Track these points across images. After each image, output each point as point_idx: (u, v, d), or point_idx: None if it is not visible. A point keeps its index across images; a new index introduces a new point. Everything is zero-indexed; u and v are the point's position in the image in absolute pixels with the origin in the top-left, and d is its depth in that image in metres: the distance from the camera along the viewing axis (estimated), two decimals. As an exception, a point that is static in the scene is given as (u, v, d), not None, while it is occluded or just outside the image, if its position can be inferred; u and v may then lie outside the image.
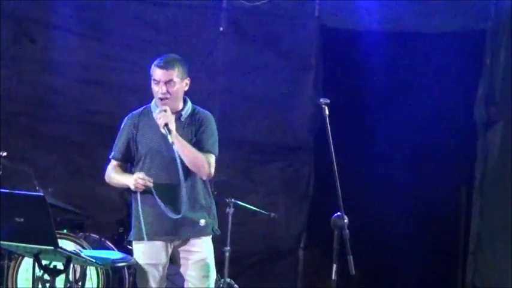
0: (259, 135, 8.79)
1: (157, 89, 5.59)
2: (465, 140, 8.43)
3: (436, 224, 8.48)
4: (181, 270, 5.67)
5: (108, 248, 7.41)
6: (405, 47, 8.52)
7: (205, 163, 5.57)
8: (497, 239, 8.25)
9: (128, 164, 5.76)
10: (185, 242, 5.63)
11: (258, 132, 8.79)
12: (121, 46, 8.77)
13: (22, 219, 5.42)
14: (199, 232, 5.62)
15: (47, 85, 8.76)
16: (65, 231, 7.39)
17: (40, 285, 6.42)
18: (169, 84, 5.57)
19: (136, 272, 5.72)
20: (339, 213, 5.05)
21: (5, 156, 7.35)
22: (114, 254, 6.92)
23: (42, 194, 6.51)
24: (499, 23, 8.24)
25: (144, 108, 5.76)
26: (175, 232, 5.58)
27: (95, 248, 7.22)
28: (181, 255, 5.65)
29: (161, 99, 5.58)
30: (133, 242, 5.72)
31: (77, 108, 8.77)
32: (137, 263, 5.67)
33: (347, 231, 5.00)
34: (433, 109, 8.44)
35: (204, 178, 5.65)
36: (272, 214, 7.64)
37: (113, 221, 7.97)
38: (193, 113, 5.69)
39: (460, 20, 8.36)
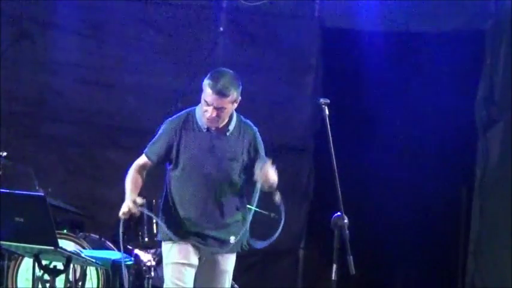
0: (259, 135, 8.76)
1: (207, 110, 5.34)
2: (465, 140, 8.42)
3: (436, 224, 8.47)
4: (198, 274, 5.53)
5: (108, 248, 7.41)
6: (405, 47, 8.50)
7: None
8: (497, 239, 8.24)
9: (157, 166, 5.58)
10: (213, 254, 5.53)
11: (257, 132, 8.78)
12: (121, 46, 8.77)
13: (22, 219, 5.43)
14: (228, 249, 5.54)
15: (47, 85, 8.76)
16: (65, 231, 7.39)
17: (40, 285, 6.43)
18: (220, 110, 5.33)
19: (164, 271, 5.53)
20: (339, 213, 5.06)
21: (5, 156, 7.36)
22: (114, 254, 6.95)
23: (42, 194, 6.52)
24: (499, 23, 8.24)
25: (187, 114, 5.52)
26: (205, 243, 5.47)
27: (94, 248, 7.23)
28: (204, 262, 5.54)
29: (208, 119, 5.37)
30: (164, 242, 5.55)
31: (77, 108, 8.76)
32: (167, 263, 5.49)
33: (347, 231, 5.00)
34: (433, 109, 8.43)
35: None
36: (272, 214, 7.62)
37: (113, 221, 7.95)
38: (239, 125, 5.52)
39: (460, 20, 8.36)
